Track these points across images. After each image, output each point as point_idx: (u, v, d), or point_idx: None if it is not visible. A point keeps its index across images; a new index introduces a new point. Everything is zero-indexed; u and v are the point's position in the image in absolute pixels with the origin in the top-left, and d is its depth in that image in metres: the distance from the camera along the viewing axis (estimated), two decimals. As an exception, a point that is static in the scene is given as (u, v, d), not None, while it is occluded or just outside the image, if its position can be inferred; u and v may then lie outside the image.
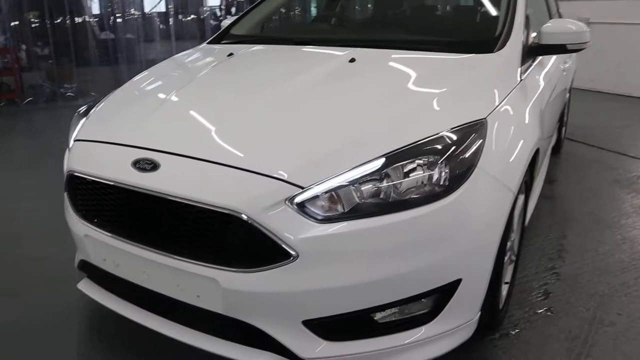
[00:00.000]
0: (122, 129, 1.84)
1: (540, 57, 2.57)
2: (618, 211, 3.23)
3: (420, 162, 1.53)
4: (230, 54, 2.43)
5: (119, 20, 7.90)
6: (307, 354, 1.52)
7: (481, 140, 1.63)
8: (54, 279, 2.44)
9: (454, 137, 1.59)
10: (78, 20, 7.61)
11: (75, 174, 1.79)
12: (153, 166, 1.58)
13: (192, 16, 9.19)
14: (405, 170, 1.51)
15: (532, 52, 2.38)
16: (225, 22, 3.26)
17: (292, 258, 1.42)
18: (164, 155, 1.60)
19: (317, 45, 2.47)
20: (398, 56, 2.22)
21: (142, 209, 1.62)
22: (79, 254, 1.96)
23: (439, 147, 1.55)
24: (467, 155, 1.58)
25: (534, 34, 2.43)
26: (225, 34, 3.01)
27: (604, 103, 6.55)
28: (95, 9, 8.36)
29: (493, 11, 2.56)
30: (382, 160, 1.49)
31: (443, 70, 2.05)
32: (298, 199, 1.44)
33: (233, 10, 10.89)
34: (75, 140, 1.95)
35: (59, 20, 7.32)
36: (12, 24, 6.92)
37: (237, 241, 1.47)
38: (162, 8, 8.82)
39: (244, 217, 1.41)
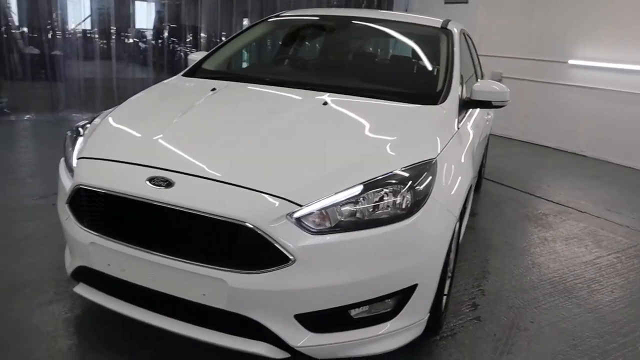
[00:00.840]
0: (132, 150, 2.08)
1: (470, 109, 3.10)
2: (528, 241, 3.82)
3: (387, 190, 1.92)
4: (214, 89, 2.73)
5: (49, 35, 7.70)
6: (296, 343, 1.83)
7: (432, 176, 2.05)
8: None
9: (413, 172, 2.00)
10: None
11: (84, 187, 2.01)
12: (168, 183, 1.85)
13: (134, 39, 9.27)
14: (376, 196, 1.90)
15: (465, 105, 2.89)
16: (194, 57, 3.53)
17: (290, 262, 1.74)
18: (178, 175, 1.88)
19: (287, 87, 2.82)
20: (362, 102, 2.63)
21: (155, 219, 1.86)
22: (77, 261, 2.12)
23: (402, 179, 1.96)
24: (422, 186, 1.99)
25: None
26: (198, 68, 3.30)
27: (514, 149, 7.41)
28: (18, 21, 8.06)
29: (435, 68, 3.07)
30: (361, 187, 1.87)
31: (401, 117, 2.49)
32: (297, 214, 1.77)
33: (165, 34, 10.97)
34: (79, 158, 2.16)
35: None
36: None
37: (245, 248, 1.77)
38: (87, 26, 8.65)
39: (253, 227, 1.72)
